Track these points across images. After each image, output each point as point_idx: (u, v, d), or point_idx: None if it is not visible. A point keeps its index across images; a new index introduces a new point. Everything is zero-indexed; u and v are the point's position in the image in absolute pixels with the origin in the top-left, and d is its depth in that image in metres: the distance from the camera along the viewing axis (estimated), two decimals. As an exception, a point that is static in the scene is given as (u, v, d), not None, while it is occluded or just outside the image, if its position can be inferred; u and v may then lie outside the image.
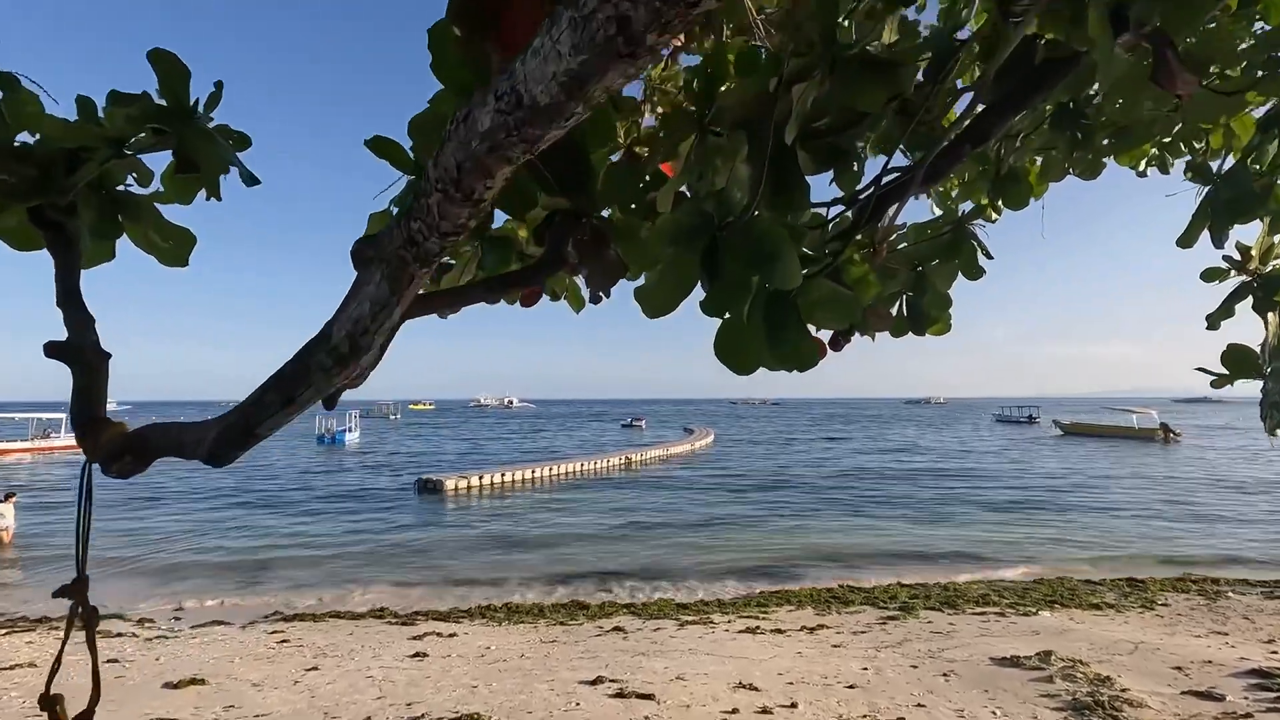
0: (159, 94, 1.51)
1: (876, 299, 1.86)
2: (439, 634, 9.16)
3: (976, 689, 6.51)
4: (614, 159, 1.73)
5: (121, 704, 6.43)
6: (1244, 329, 2.25)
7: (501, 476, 27.85)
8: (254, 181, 1.54)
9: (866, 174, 1.81)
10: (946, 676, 6.90)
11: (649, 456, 38.40)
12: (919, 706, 6.09)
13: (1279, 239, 2.23)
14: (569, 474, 30.95)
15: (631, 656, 7.83)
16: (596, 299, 1.78)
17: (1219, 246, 2.12)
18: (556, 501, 23.62)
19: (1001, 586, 11.72)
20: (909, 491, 25.82)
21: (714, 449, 46.56)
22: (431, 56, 1.25)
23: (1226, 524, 18.87)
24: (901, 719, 5.85)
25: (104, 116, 1.47)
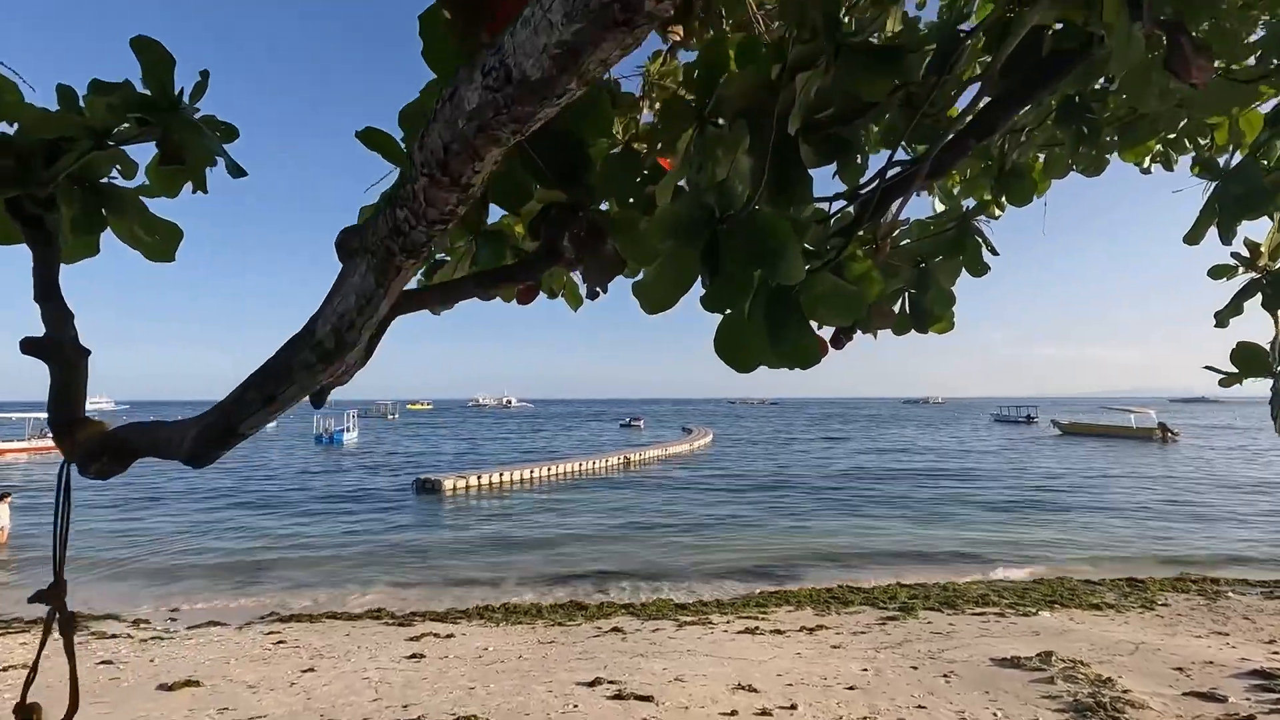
0: (143, 83, 1.46)
1: (879, 296, 1.83)
2: (436, 635, 9.11)
3: (977, 690, 6.48)
4: (612, 152, 1.69)
5: (115, 706, 6.38)
6: (1243, 328, 2.21)
7: (500, 476, 27.81)
8: (240, 173, 1.50)
9: (869, 169, 1.77)
10: (947, 677, 6.87)
11: (647, 456, 38.38)
12: (919, 708, 6.06)
13: (1290, 235, 2.20)
14: (567, 474, 30.91)
15: (630, 657, 7.79)
16: (594, 294, 1.74)
17: (1227, 243, 2.08)
18: (555, 502, 23.57)
19: (1001, 587, 11.69)
20: (908, 491, 25.81)
21: (713, 449, 46.53)
22: (423, 43, 1.21)
23: (1226, 524, 18.87)
24: (902, 721, 5.82)
25: (85, 106, 1.42)
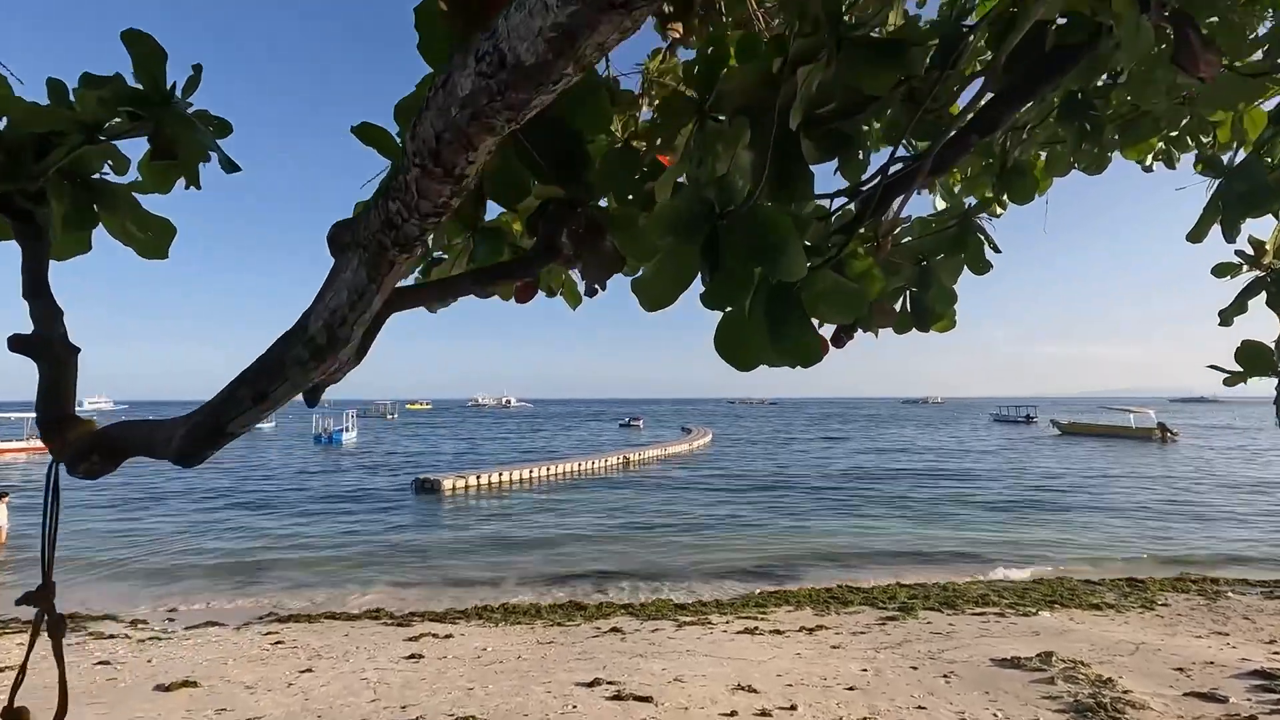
0: (134, 77, 1.44)
1: (881, 294, 1.81)
2: (435, 635, 9.09)
3: (977, 690, 6.46)
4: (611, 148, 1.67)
5: (112, 707, 6.35)
6: (1246, 327, 2.20)
7: (499, 476, 27.78)
8: (234, 168, 1.48)
9: (870, 166, 1.76)
10: (947, 678, 6.85)
11: (647, 456, 38.35)
12: (919, 709, 6.04)
13: (1294, 233, 2.18)
14: (566, 474, 30.88)
15: (629, 658, 7.77)
16: (592, 291, 1.72)
17: (1230, 241, 2.06)
18: (554, 501, 23.54)
19: (1001, 587, 11.67)
20: (907, 491, 25.79)
21: (712, 449, 46.51)
22: (419, 36, 1.19)
23: (1225, 523, 18.87)
24: (902, 721, 5.80)
25: (75, 100, 1.40)
